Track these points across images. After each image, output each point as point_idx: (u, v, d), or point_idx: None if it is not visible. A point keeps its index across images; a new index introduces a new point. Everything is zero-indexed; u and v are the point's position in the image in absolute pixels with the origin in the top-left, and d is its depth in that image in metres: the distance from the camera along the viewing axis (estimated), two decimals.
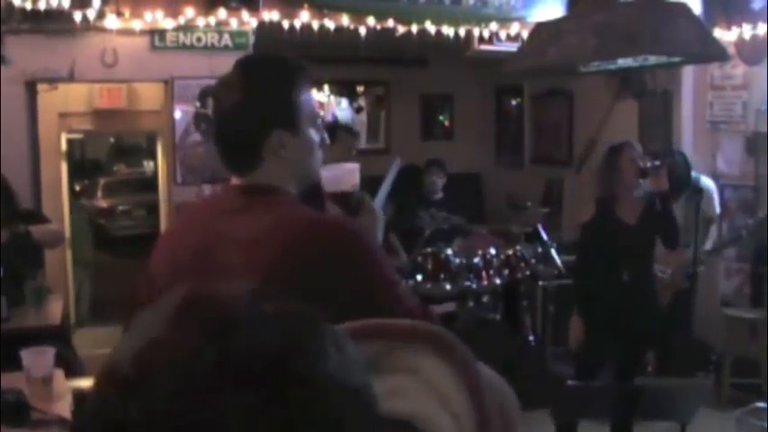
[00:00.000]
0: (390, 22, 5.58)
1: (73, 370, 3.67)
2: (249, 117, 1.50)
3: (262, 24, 5.37)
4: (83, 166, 17.61)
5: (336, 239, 1.42)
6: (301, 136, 1.53)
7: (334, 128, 4.59)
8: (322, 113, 8.54)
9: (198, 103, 5.55)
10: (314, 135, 1.56)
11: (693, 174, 5.14)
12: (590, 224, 4.10)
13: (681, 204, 5.00)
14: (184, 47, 5.36)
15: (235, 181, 1.55)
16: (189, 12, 5.20)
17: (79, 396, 2.54)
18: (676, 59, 4.50)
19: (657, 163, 4.05)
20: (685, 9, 4.13)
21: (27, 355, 2.56)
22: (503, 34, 5.89)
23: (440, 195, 6.00)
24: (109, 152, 19.23)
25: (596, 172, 4.20)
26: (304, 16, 5.35)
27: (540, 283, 5.73)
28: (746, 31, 5.63)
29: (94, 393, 0.57)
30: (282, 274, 1.36)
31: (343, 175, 1.65)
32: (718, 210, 5.24)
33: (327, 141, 1.63)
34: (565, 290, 5.41)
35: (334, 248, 1.41)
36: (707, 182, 5.14)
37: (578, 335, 4.10)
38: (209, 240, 1.48)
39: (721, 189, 5.73)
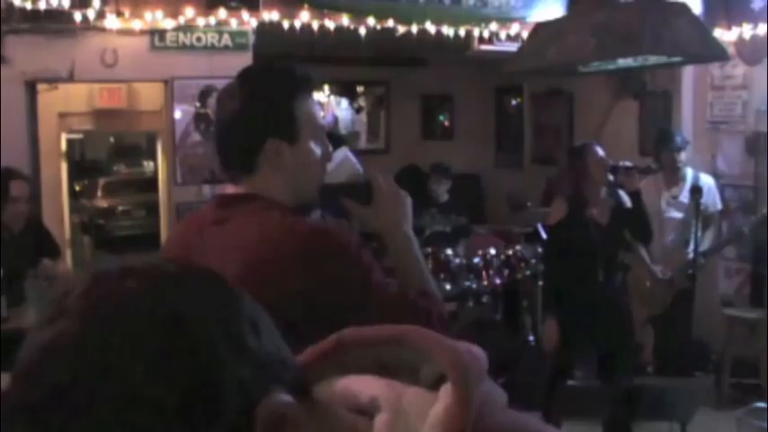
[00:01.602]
0: (390, 22, 5.58)
1: None
2: (246, 124, 1.51)
3: (262, 24, 5.37)
4: (83, 166, 17.62)
5: (310, 242, 1.42)
6: (299, 146, 1.52)
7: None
8: (323, 114, 8.55)
9: (198, 103, 5.58)
10: (314, 147, 1.54)
11: (692, 171, 5.14)
12: (561, 224, 4.07)
13: (680, 201, 5.02)
14: (184, 47, 5.36)
15: (229, 189, 1.56)
16: (189, 12, 5.19)
17: None
18: (676, 59, 4.50)
19: (629, 164, 4.08)
20: (685, 9, 4.13)
21: None
22: (503, 34, 5.89)
23: (445, 198, 6.03)
24: (109, 152, 19.23)
25: (561, 173, 4.18)
26: (304, 16, 5.35)
27: (540, 283, 5.72)
28: (746, 31, 5.63)
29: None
30: (262, 282, 1.38)
31: (333, 168, 1.63)
32: (719, 205, 5.23)
33: (332, 156, 1.61)
34: None
35: (309, 251, 1.41)
36: (706, 178, 5.14)
37: (554, 337, 4.06)
38: (191, 253, 1.51)
39: (721, 189, 5.73)
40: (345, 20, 5.47)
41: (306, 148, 1.53)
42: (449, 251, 5.46)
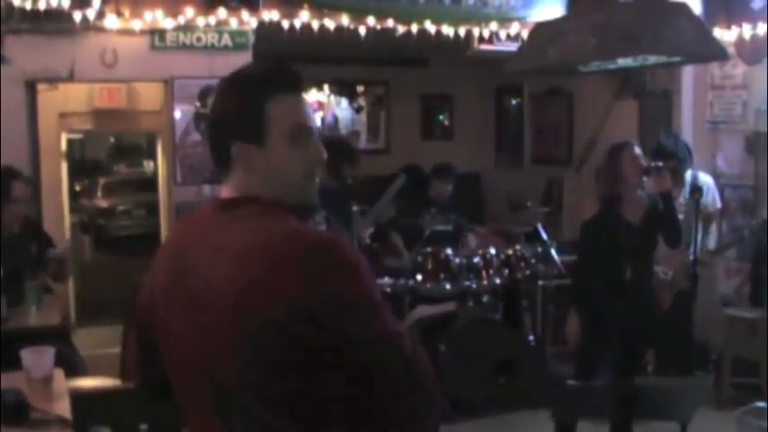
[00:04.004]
0: (390, 22, 5.58)
1: (74, 369, 3.68)
2: (216, 126, 1.52)
3: (262, 24, 5.37)
4: (83, 166, 17.65)
5: (315, 251, 1.39)
6: (268, 149, 1.48)
7: (337, 161, 4.44)
8: (321, 114, 8.55)
9: (198, 103, 5.59)
10: (288, 149, 1.49)
11: (691, 170, 5.14)
12: (593, 222, 4.08)
13: (679, 203, 5.02)
14: (184, 47, 5.36)
15: (225, 189, 1.54)
16: (189, 11, 5.19)
17: (77, 396, 2.54)
18: (676, 59, 4.50)
19: (660, 164, 4.06)
20: (685, 9, 4.13)
21: (27, 355, 2.56)
22: (503, 34, 5.89)
23: (445, 200, 6.02)
24: (109, 152, 19.28)
25: (599, 171, 4.19)
26: (304, 16, 5.34)
27: (540, 282, 5.72)
28: (746, 30, 5.63)
29: None
30: (261, 288, 1.35)
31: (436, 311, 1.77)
32: (718, 204, 5.24)
33: (323, 156, 1.55)
34: (565, 290, 5.41)
35: (312, 261, 1.37)
36: (705, 177, 5.14)
37: (576, 332, 4.10)
38: (188, 259, 1.49)
39: (721, 189, 5.73)
40: (345, 20, 5.47)
41: (276, 150, 1.48)
42: (449, 251, 5.46)
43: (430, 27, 5.68)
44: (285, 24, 5.34)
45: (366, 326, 1.39)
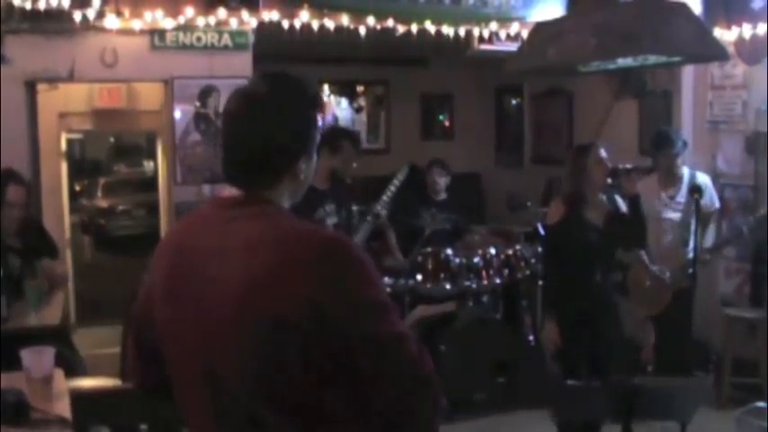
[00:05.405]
0: (390, 22, 5.58)
1: (74, 369, 3.68)
2: (280, 144, 1.49)
3: (262, 24, 5.37)
4: (83, 166, 17.65)
5: (327, 251, 1.40)
6: (312, 159, 1.56)
7: (338, 137, 4.49)
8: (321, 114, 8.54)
9: (198, 103, 5.58)
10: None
11: (689, 170, 5.14)
12: (559, 225, 4.05)
13: (676, 202, 5.02)
14: (184, 47, 5.36)
15: (228, 191, 1.52)
16: (189, 11, 5.19)
17: (77, 396, 2.54)
18: (676, 59, 4.49)
19: (629, 166, 4.06)
20: (685, 9, 4.13)
21: (27, 355, 2.56)
22: (503, 34, 5.89)
23: (443, 196, 5.99)
24: (109, 152, 19.26)
25: (564, 172, 4.16)
26: (304, 16, 5.35)
27: (540, 282, 5.72)
28: (746, 30, 5.63)
29: None
30: (271, 285, 1.35)
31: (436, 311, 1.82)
32: (717, 204, 5.24)
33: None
34: None
35: (325, 260, 1.38)
36: (703, 177, 5.15)
37: (555, 339, 4.07)
38: (201, 253, 1.47)
39: (721, 188, 5.73)
40: (345, 20, 5.47)
41: (314, 158, 1.56)
42: (449, 251, 5.46)
43: (430, 27, 5.69)
44: (285, 24, 5.34)
45: (373, 326, 1.40)
